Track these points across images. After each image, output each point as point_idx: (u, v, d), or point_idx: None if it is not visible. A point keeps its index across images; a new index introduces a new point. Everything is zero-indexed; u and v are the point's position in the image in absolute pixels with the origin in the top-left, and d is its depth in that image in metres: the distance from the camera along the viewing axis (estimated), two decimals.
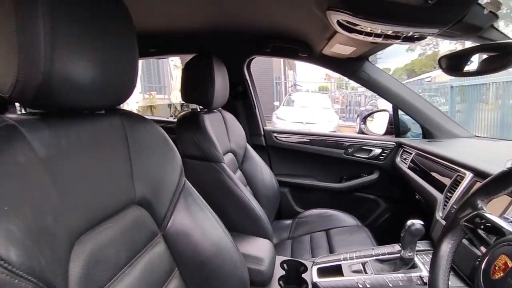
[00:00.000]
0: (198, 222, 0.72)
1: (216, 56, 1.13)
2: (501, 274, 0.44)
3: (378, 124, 1.66)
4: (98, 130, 0.55)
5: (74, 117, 0.52)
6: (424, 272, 0.80)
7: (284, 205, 1.63)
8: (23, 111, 0.51)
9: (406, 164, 1.32)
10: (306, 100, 9.13)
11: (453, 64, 0.94)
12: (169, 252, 0.68)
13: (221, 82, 1.13)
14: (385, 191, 1.56)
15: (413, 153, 1.29)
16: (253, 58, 1.52)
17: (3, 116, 0.43)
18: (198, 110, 1.17)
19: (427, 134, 1.40)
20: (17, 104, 0.49)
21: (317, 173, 1.63)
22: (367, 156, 1.53)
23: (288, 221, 1.50)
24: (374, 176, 1.53)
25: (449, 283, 0.57)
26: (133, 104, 6.24)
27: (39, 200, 0.39)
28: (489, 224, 0.52)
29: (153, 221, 0.64)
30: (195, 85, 1.10)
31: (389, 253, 0.89)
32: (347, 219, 1.42)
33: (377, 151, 1.51)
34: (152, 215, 0.64)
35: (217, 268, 0.72)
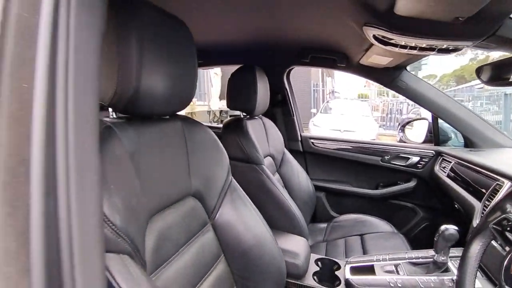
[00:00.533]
0: (242, 216, 0.82)
1: (258, 67, 1.24)
2: None
3: (417, 133, 1.65)
4: (164, 131, 0.67)
5: (148, 121, 0.64)
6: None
7: (319, 209, 1.68)
8: (114, 115, 0.65)
9: (445, 172, 1.31)
10: (344, 108, 8.98)
11: (494, 73, 0.95)
12: (217, 240, 0.78)
13: (263, 91, 1.24)
14: (422, 200, 1.55)
15: (453, 162, 1.29)
16: (292, 68, 1.61)
17: (102, 120, 0.57)
18: (242, 116, 1.28)
19: (469, 143, 1.38)
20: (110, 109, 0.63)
21: (353, 179, 1.66)
22: (405, 164, 1.54)
23: (323, 225, 1.55)
24: (411, 184, 1.53)
25: (477, 282, 0.60)
26: None
27: (128, 185, 0.52)
28: None
29: (205, 211, 0.75)
30: (239, 94, 1.21)
31: (422, 257, 0.92)
32: (383, 225, 1.44)
33: (415, 159, 1.51)
34: (204, 206, 0.75)
35: (257, 258, 0.81)
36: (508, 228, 0.56)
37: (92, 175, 0.32)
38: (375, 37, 0.90)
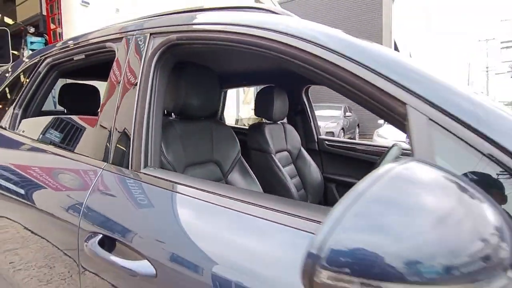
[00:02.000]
0: (244, 180, 1.36)
1: (280, 86, 1.77)
2: None
3: None
4: (199, 126, 1.26)
5: (190, 120, 1.25)
6: None
7: (330, 200, 2.10)
8: (174, 116, 1.28)
9: None
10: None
11: None
12: None
13: (279, 105, 1.76)
14: None
15: None
16: (309, 86, 2.09)
17: (168, 118, 1.19)
18: (264, 121, 1.83)
19: None
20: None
21: (361, 174, 2.02)
22: None
23: None
24: None
25: None
26: None
27: (177, 149, 1.12)
28: None
29: (221, 173, 1.32)
30: (262, 106, 1.76)
31: None
32: None
33: None
34: (221, 169, 1.32)
35: None
36: None
37: (158, 135, 0.91)
38: None
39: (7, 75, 1.55)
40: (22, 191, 0.95)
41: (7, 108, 1.35)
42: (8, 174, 1.03)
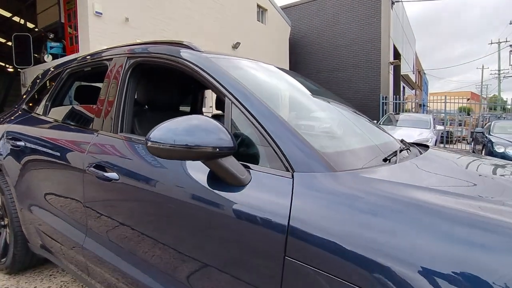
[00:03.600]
0: None
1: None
2: None
3: None
4: (165, 115, 1.91)
5: (159, 110, 1.89)
6: None
7: None
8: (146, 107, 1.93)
9: None
10: (407, 120, 9.20)
11: None
12: None
13: None
14: None
15: None
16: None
17: (142, 108, 1.84)
18: None
19: None
20: None
21: None
22: None
23: None
24: None
25: None
26: None
27: (148, 129, 1.76)
28: None
29: None
30: None
31: None
32: None
33: None
34: None
35: None
36: None
37: (130, 114, 1.55)
38: None
39: (37, 80, 2.26)
40: (51, 150, 1.62)
41: (40, 102, 2.05)
42: (43, 141, 1.71)
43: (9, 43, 13.52)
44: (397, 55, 15.95)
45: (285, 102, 1.39)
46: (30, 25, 11.84)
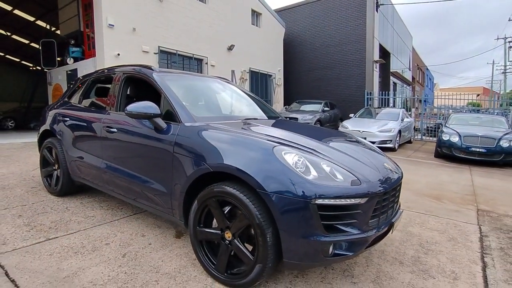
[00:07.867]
0: None
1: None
2: None
3: None
4: None
5: None
6: None
7: None
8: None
9: None
10: (385, 114, 10.38)
11: None
12: None
13: None
14: None
15: None
16: None
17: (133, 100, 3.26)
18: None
19: None
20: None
21: None
22: None
23: None
24: None
25: None
26: None
27: None
28: None
29: None
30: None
31: None
32: None
33: None
34: None
35: None
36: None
37: (124, 102, 2.97)
38: None
39: (71, 85, 3.76)
40: (83, 122, 3.09)
41: (75, 96, 3.54)
42: (78, 117, 3.20)
43: (35, 45, 15.34)
44: (386, 54, 16.99)
45: (197, 95, 2.81)
46: (51, 27, 13.57)
